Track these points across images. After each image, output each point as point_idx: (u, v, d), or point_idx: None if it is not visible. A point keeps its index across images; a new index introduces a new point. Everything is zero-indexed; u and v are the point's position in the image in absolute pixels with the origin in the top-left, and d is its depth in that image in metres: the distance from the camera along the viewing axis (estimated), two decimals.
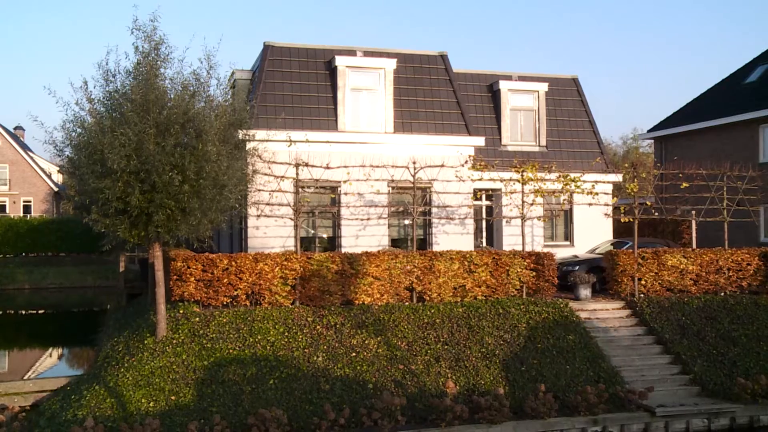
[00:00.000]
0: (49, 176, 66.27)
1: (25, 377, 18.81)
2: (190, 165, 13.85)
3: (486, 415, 13.43)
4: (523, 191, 20.73)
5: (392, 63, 22.75)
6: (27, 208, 64.66)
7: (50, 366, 22.43)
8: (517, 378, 15.10)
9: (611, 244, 23.70)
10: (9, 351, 25.51)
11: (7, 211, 63.30)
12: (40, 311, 35.87)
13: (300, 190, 18.89)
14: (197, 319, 15.67)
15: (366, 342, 15.51)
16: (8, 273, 42.70)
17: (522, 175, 20.68)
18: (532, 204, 20.95)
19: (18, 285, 41.93)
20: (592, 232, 25.30)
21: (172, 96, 14.53)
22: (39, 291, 41.24)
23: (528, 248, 22.93)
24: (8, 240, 46.72)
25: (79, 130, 14.46)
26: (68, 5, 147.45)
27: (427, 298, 17.84)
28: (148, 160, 13.66)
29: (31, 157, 66.65)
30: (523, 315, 17.25)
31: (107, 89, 14.55)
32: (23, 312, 35.74)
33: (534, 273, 18.76)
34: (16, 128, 73.00)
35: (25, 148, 68.34)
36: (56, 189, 65.75)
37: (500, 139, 25.54)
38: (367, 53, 23.23)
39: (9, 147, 65.40)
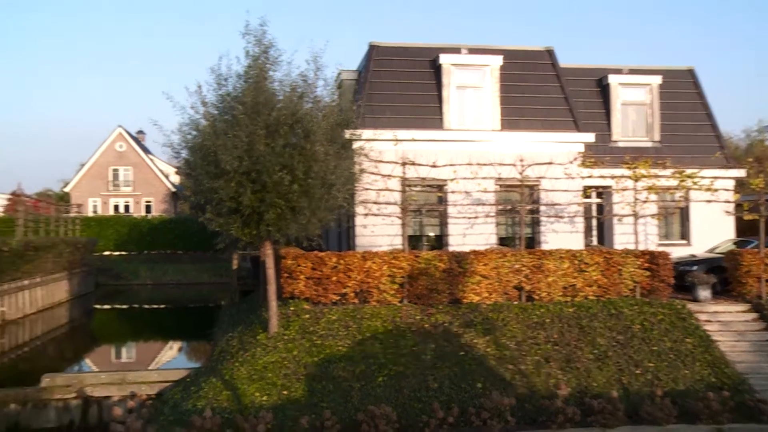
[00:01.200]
0: (167, 177, 69.31)
1: (150, 368, 19.79)
2: (299, 165, 14.13)
3: (599, 418, 13.04)
4: (635, 188, 20.02)
5: (498, 59, 22.46)
6: (148, 208, 67.92)
7: (171, 358, 23.50)
8: (632, 381, 14.58)
9: (733, 243, 22.51)
10: (135, 343, 26.91)
11: (131, 211, 66.67)
12: (161, 306, 37.61)
13: (407, 188, 18.95)
14: (307, 316, 16.00)
15: (474, 341, 15.39)
16: (133, 269, 45.06)
17: (634, 172, 19.97)
18: (645, 201, 20.21)
19: (141, 281, 44.17)
20: (712, 230, 24.09)
21: (281, 98, 14.85)
22: (159, 287, 43.28)
23: (641, 247, 22.11)
24: (132, 238, 49.32)
25: (194, 132, 15.00)
26: (188, 17, 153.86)
27: (536, 297, 17.52)
28: (258, 160, 14.03)
29: (151, 160, 69.95)
30: (637, 316, 16.66)
31: (220, 93, 15.02)
32: (146, 306, 37.60)
33: (648, 273, 18.07)
34: (138, 132, 76.78)
35: (146, 151, 71.81)
36: (174, 189, 68.71)
37: (610, 134, 24.75)
38: (473, 50, 23.04)
39: (132, 150, 68.91)
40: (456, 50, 22.98)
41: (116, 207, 67.92)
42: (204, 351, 22.07)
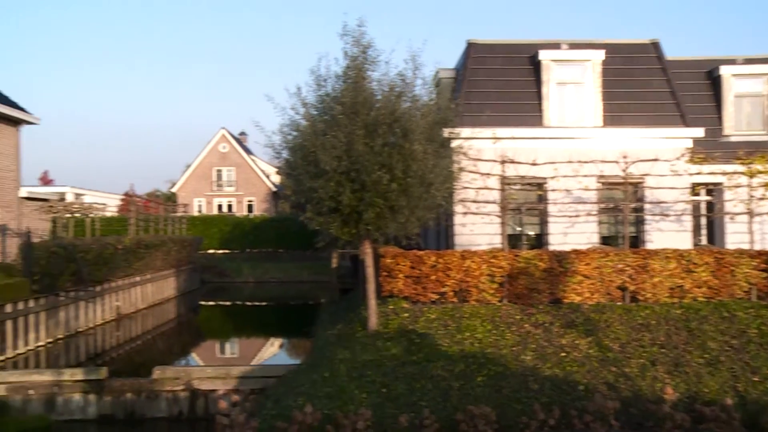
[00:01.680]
0: (268, 177, 71.07)
1: (253, 363, 20.33)
2: (398, 164, 14.16)
3: (712, 426, 12.45)
4: (750, 185, 19.05)
5: (600, 54, 21.86)
6: (250, 208, 69.84)
7: (273, 354, 24.06)
8: (749, 389, 13.83)
9: None
10: (239, 338, 27.71)
11: (234, 210, 68.73)
12: (263, 303, 38.58)
13: (506, 187, 18.70)
14: (406, 314, 16.03)
15: (576, 342, 15.03)
16: (236, 267, 46.41)
17: (749, 168, 19.01)
18: (761, 198, 19.19)
19: (244, 278, 45.44)
20: None
21: (379, 97, 14.92)
22: (261, 284, 44.41)
23: (757, 247, 21.03)
24: (235, 237, 50.79)
25: (294, 133, 15.26)
26: (288, 20, 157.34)
27: (641, 297, 16.94)
28: (357, 160, 14.15)
29: (253, 160, 71.89)
30: (754, 320, 15.83)
31: (319, 93, 15.23)
32: (249, 303, 38.66)
33: (766, 274, 17.15)
34: (240, 134, 79.12)
35: (248, 151, 73.87)
36: (274, 189, 70.37)
37: (721, 129, 23.65)
38: (573, 45, 22.51)
39: (235, 151, 71.03)
40: (555, 46, 22.51)
41: (220, 206, 70.20)
42: (304, 348, 22.47)
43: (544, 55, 21.78)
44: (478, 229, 20.57)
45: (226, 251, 50.37)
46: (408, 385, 13.58)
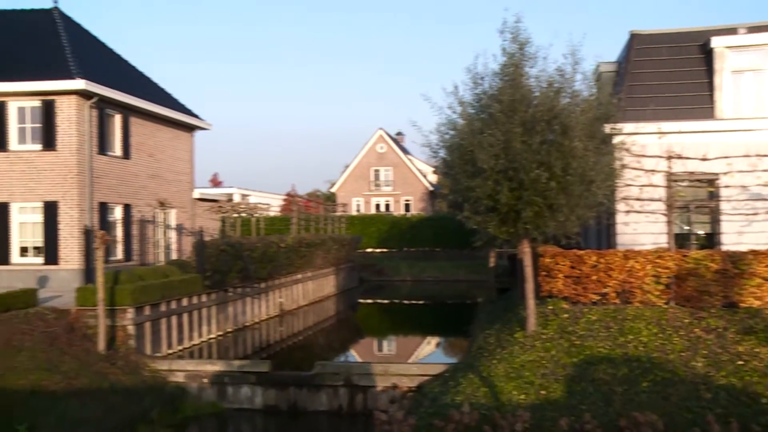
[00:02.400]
0: (425, 176, 71.67)
1: (410, 361, 20.58)
2: (557, 162, 13.81)
3: None
4: None
5: None
6: (407, 207, 70.73)
7: (430, 352, 24.23)
8: None
9: None
10: (396, 336, 28.15)
11: (391, 209, 69.89)
12: (420, 302, 38.92)
13: (672, 184, 17.73)
14: (566, 315, 15.60)
15: (755, 350, 13.95)
16: (394, 266, 47.15)
17: None
18: None
19: (401, 277, 46.08)
20: None
21: (537, 94, 14.59)
22: (418, 283, 44.84)
23: None
24: (393, 236, 51.58)
25: (451, 132, 15.24)
26: (445, 19, 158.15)
27: None
28: (515, 158, 13.92)
29: (410, 160, 72.76)
30: None
31: (476, 92, 15.11)
32: (406, 302, 39.15)
33: None
34: (397, 134, 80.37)
35: (405, 151, 74.89)
36: (431, 188, 70.87)
37: None
38: (752, 29, 20.92)
39: (392, 151, 72.22)
40: (731, 31, 21.03)
41: (377, 206, 71.61)
42: (461, 347, 22.45)
43: (717, 42, 20.41)
44: (641, 228, 19.63)
45: (384, 250, 51.26)
46: (568, 388, 13.21)
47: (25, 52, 24.69)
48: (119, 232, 25.37)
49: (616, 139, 16.54)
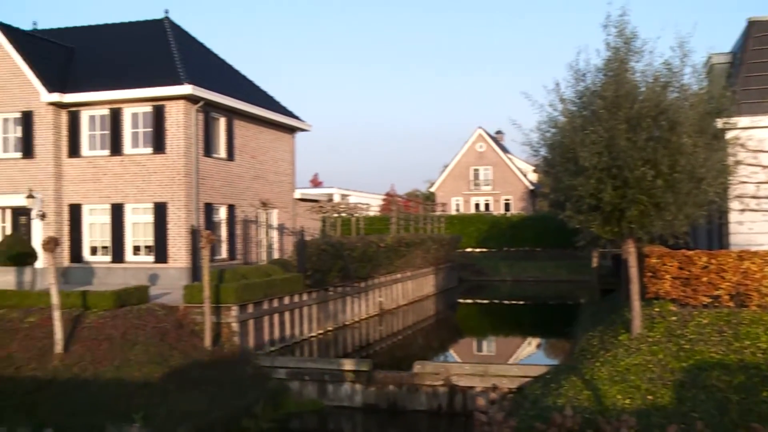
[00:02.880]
0: (525, 175, 70.64)
1: (510, 362, 20.30)
2: (663, 159, 13.29)
3: None
4: None
5: None
6: (507, 206, 69.90)
7: (530, 353, 23.85)
8: None
9: None
10: (495, 337, 27.86)
11: (491, 209, 69.27)
12: (520, 302, 38.38)
13: None
14: (674, 318, 14.99)
15: None
16: (493, 266, 46.73)
17: None
18: None
19: (501, 277, 45.61)
20: None
21: (643, 89, 14.09)
22: (518, 283, 44.25)
23: None
24: (492, 236, 51.11)
25: (552, 130, 14.95)
26: (546, 16, 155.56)
27: None
28: (619, 155, 13.49)
29: (510, 159, 71.88)
30: None
31: (578, 88, 14.75)
32: (506, 302, 38.70)
33: None
34: (497, 133, 79.58)
35: (504, 150, 74.06)
36: (531, 187, 69.76)
37: None
38: None
39: (491, 150, 71.57)
40: None
41: (477, 205, 71.11)
42: (562, 348, 21.98)
43: None
44: (758, 227, 18.65)
45: (483, 250, 50.86)
46: (677, 394, 12.69)
47: (138, 60, 25.88)
48: (224, 231, 26.21)
49: (729, 134, 15.76)
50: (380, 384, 16.01)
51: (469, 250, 50.34)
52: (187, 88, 23.43)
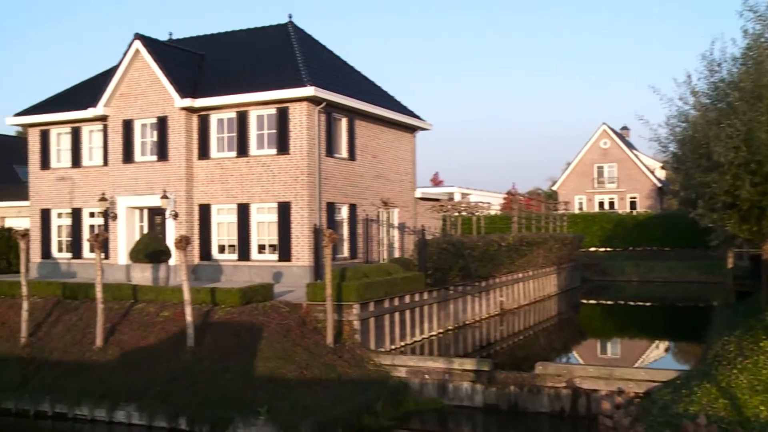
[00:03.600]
0: (652, 172, 67.94)
1: (637, 365, 19.55)
2: None
3: None
4: None
5: None
6: (632, 204, 67.51)
7: (658, 357, 22.89)
8: None
9: None
10: (621, 339, 26.95)
11: (615, 207, 67.10)
12: (647, 303, 36.95)
13: None
14: None
15: None
16: (617, 266, 45.25)
17: None
18: None
19: (626, 277, 44.11)
20: None
21: None
22: (645, 284, 42.62)
23: None
24: (617, 235, 49.51)
25: (682, 124, 14.36)
26: (672, 6, 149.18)
27: None
28: (758, 150, 12.73)
29: (636, 155, 69.36)
30: None
31: (711, 80, 14.08)
32: (631, 303, 37.36)
33: None
34: (622, 129, 77.02)
35: (630, 146, 71.56)
36: (659, 185, 67.03)
37: None
38: None
39: (616, 147, 69.33)
40: None
41: (601, 203, 69.08)
42: (693, 353, 20.97)
43: None
44: None
45: (608, 249, 49.33)
46: None
47: (263, 64, 26.76)
48: (345, 230, 26.65)
49: None
50: (501, 384, 15.81)
51: (592, 249, 48.95)
52: (309, 90, 23.98)
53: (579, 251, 42.67)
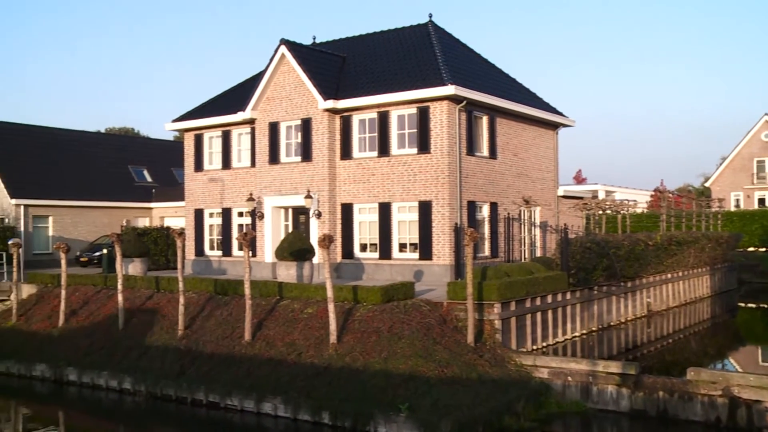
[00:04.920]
0: None
1: None
2: None
3: None
4: None
5: None
6: None
7: None
8: None
9: None
10: None
11: (766, 204, 62.74)
12: None
13: None
14: None
15: None
16: None
17: None
18: None
19: None
20: None
21: None
22: None
23: None
24: None
25: None
26: None
27: None
28: None
29: None
30: None
31: None
32: None
33: None
34: None
35: None
36: None
37: None
38: None
39: None
40: None
41: (761, 200, 64.65)
42: None
43: None
44: None
45: None
46: None
47: (403, 64, 27.05)
48: (486, 229, 26.46)
49: None
50: (649, 389, 15.14)
51: (751, 249, 45.88)
52: (450, 89, 23.99)
53: (735, 251, 40.12)
